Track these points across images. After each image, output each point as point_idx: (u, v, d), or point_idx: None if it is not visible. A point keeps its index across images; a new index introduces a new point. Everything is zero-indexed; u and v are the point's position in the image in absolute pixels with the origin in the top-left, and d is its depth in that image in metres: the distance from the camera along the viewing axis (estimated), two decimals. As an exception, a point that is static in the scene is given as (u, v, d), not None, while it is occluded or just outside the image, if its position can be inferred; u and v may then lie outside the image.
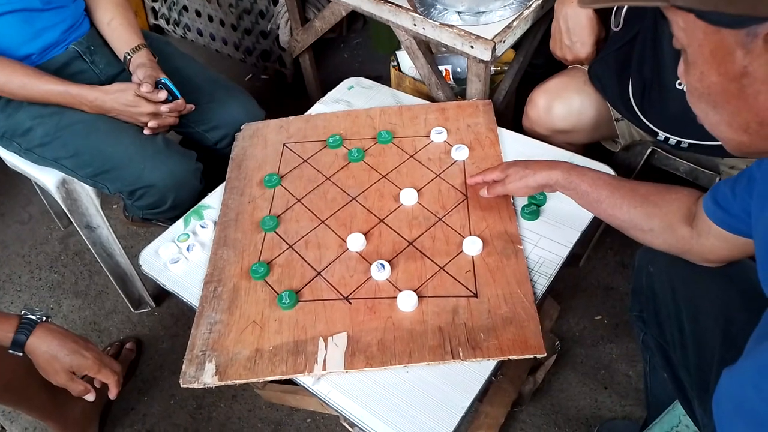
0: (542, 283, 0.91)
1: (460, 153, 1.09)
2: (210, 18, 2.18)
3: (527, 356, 0.81)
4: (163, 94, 1.14)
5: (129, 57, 1.21)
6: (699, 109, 0.53)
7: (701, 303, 0.81)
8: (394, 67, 1.56)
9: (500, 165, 0.97)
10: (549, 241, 0.96)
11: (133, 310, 1.54)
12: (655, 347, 0.93)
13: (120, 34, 1.24)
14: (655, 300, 0.90)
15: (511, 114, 1.52)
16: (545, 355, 0.82)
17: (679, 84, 0.96)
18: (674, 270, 0.85)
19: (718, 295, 0.80)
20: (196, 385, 0.84)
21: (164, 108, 1.15)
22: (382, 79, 1.48)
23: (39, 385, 1.12)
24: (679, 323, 0.84)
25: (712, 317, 0.79)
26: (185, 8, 2.23)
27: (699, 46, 0.46)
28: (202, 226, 1.05)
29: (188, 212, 1.09)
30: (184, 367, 0.86)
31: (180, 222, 1.08)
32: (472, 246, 0.94)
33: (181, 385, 0.84)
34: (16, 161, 1.27)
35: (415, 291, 0.89)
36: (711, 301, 0.80)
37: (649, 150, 1.22)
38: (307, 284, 0.94)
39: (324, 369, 0.83)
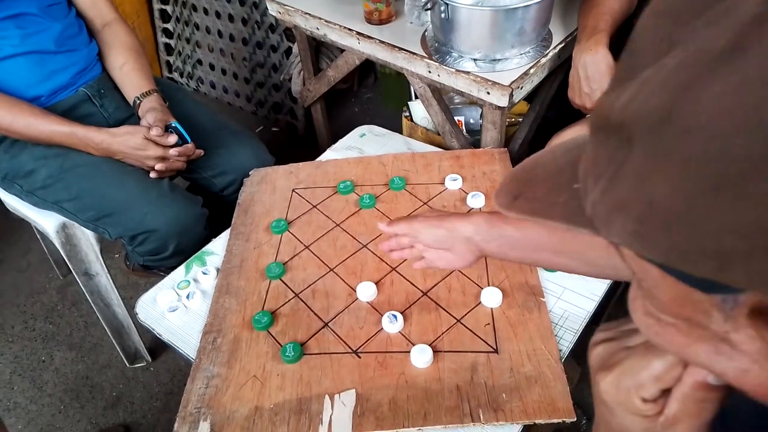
0: (568, 339, 0.85)
1: (476, 200, 1.04)
2: (224, 71, 2.21)
3: (555, 420, 0.74)
4: (173, 138, 1.12)
5: (138, 101, 1.19)
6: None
7: None
8: (406, 117, 1.54)
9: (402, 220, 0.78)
10: (573, 294, 0.90)
11: (128, 365, 1.46)
12: None
13: (131, 78, 1.22)
14: None
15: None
16: (575, 419, 0.74)
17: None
18: None
19: None
20: (188, 447, 0.76)
21: (173, 152, 1.12)
22: (393, 132, 1.45)
23: None
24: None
25: None
26: (199, 62, 2.27)
27: (656, 287, 0.28)
28: (204, 273, 0.99)
29: (191, 258, 1.04)
30: (176, 425, 0.78)
31: (181, 268, 1.02)
32: (491, 297, 0.87)
33: (172, 446, 0.76)
34: (16, 204, 1.24)
35: (430, 345, 0.82)
36: None
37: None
38: (313, 336, 0.87)
39: (329, 431, 0.75)
